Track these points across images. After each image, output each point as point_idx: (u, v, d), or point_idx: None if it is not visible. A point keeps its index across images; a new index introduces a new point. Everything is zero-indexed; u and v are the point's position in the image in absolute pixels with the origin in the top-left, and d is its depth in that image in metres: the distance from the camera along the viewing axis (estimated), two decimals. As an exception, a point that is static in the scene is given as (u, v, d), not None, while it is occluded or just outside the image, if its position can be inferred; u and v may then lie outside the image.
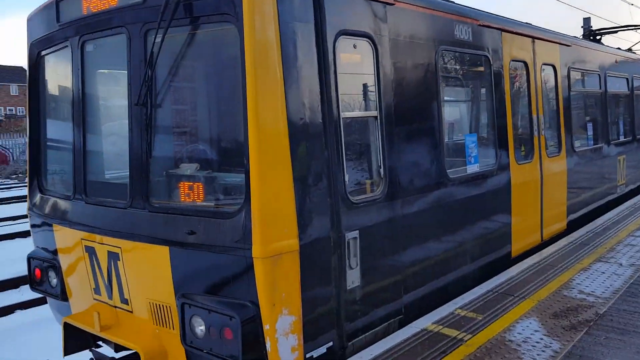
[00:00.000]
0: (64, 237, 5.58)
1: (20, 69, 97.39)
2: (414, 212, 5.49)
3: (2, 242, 18.01)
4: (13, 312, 11.01)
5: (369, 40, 4.98)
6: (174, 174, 4.78)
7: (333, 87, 4.56)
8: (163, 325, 4.77)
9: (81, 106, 5.33)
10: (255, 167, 4.02)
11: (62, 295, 5.82)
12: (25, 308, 11.20)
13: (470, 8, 6.64)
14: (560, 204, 8.81)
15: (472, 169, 6.51)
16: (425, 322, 5.25)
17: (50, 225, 5.77)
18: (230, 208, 4.32)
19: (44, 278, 6.03)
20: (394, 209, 5.24)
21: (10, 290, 12.83)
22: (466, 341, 4.83)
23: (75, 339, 5.57)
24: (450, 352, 4.61)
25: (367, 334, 4.98)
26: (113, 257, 4.98)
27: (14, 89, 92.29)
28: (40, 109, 6.14)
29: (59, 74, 5.84)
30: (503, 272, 6.77)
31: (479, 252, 6.62)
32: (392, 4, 5.23)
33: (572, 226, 9.29)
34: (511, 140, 7.26)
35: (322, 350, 4.54)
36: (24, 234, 18.65)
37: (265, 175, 4.07)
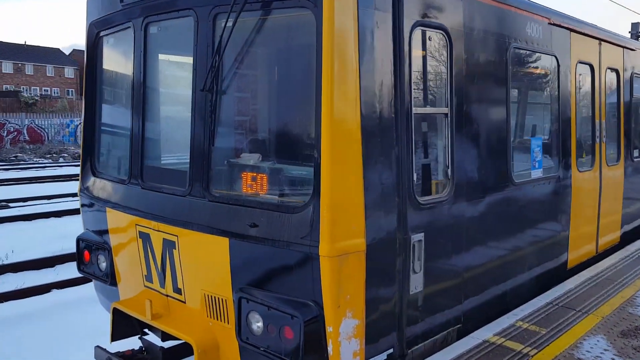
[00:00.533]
0: (117, 221, 5.49)
1: (57, 50, 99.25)
2: (477, 216, 5.25)
3: (37, 220, 18.26)
4: (49, 291, 11.07)
5: (443, 33, 4.74)
6: (237, 164, 4.63)
7: (407, 81, 4.35)
8: (217, 319, 4.64)
9: (141, 90, 5.21)
10: (327, 160, 3.83)
11: (111, 279, 5.74)
12: (61, 287, 11.27)
13: (541, 5, 6.33)
14: (615, 215, 8.44)
15: (536, 173, 6.23)
16: (486, 334, 5.02)
17: (103, 209, 5.69)
18: (296, 202, 4.15)
19: (92, 261, 5.97)
20: (459, 211, 5.01)
21: (46, 269, 12.95)
22: (532, 356, 4.58)
23: (122, 325, 5.49)
24: (517, 366, 4.37)
25: (426, 342, 4.77)
26: (169, 245, 4.86)
27: (49, 69, 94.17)
28: (97, 90, 6.05)
29: (118, 56, 5.74)
30: (560, 285, 6.48)
31: (536, 260, 6.34)
32: (468, -3, 4.98)
33: (625, 238, 8.91)
34: (574, 146, 6.95)
35: (383, 356, 4.35)
36: (59, 214, 18.93)
37: (337, 169, 3.88)
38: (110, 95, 6.04)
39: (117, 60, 5.86)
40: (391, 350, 4.42)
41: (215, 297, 4.59)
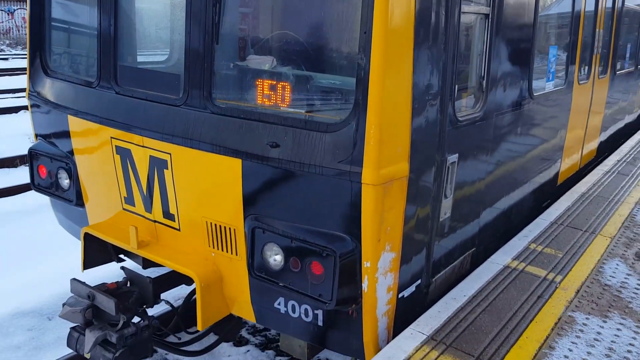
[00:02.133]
0: (84, 132, 4.55)
1: None
2: (500, 133, 4.78)
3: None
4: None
5: None
6: (248, 68, 3.79)
7: None
8: (222, 249, 4.01)
9: None
10: (379, 65, 3.10)
11: (77, 199, 4.89)
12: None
13: None
14: (596, 129, 8.32)
15: (549, 86, 5.78)
16: (505, 258, 4.73)
17: (63, 116, 4.69)
18: (332, 118, 3.43)
19: (50, 176, 5.05)
20: (487, 128, 4.50)
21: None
22: (559, 283, 4.35)
23: (94, 251, 4.75)
24: (549, 297, 4.12)
25: (447, 268, 4.42)
26: (158, 163, 4.06)
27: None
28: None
29: None
30: (557, 202, 6.30)
31: (536, 176, 6.07)
32: None
33: (599, 150, 8.91)
34: (579, 57, 6.53)
35: (412, 288, 3.95)
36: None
37: (389, 77, 3.17)
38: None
39: None
40: (419, 281, 4.03)
41: (220, 226, 3.93)
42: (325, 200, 3.44)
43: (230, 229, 3.89)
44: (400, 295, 3.81)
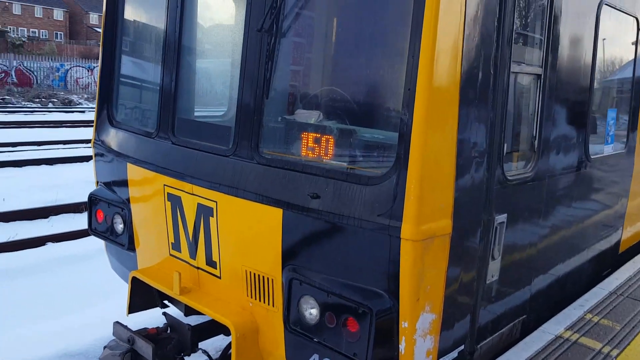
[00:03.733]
0: (140, 179, 4.77)
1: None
2: (553, 195, 4.62)
3: (28, 167, 17.43)
4: (44, 244, 10.43)
5: (547, -20, 3.99)
6: (294, 122, 3.90)
7: (508, 32, 3.61)
8: (259, 300, 4.00)
9: (177, 28, 4.40)
10: (421, 122, 3.12)
11: (129, 244, 5.06)
12: (57, 241, 10.61)
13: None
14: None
15: (608, 149, 5.59)
16: (557, 328, 4.46)
17: (123, 164, 4.95)
18: (373, 171, 3.45)
19: (107, 221, 5.28)
20: (540, 189, 4.37)
21: (39, 220, 12.27)
22: (615, 358, 4.04)
23: (140, 295, 4.86)
24: (605, 372, 3.83)
25: (494, 335, 4.21)
26: (205, 211, 4.17)
27: (38, 10, 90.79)
28: (119, 28, 5.21)
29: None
30: (618, 271, 5.94)
31: (595, 243, 5.77)
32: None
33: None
34: (640, 120, 6.30)
35: (454, 354, 3.77)
36: (50, 161, 18.15)
37: (431, 134, 3.17)
38: (135, 34, 5.21)
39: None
40: (462, 347, 3.85)
41: (259, 275, 3.95)
42: (363, 254, 3.40)
43: (268, 279, 3.89)
44: (440, 360, 3.64)
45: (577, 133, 4.82)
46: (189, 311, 4.67)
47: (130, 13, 5.16)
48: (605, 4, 4.94)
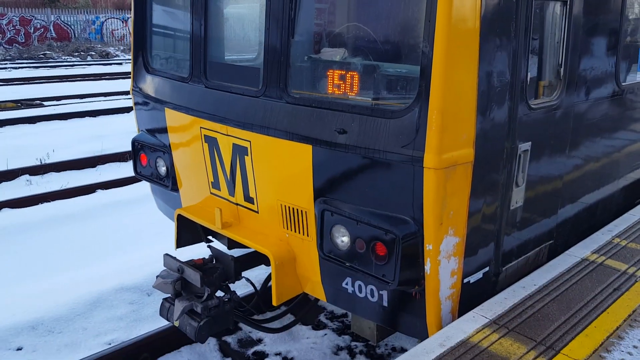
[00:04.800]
0: (178, 123, 5.04)
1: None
2: (582, 123, 4.65)
3: (73, 119, 18.11)
4: (94, 192, 11.03)
5: None
6: (320, 60, 4.04)
7: None
8: (295, 231, 4.29)
9: None
10: (442, 54, 3.21)
11: (172, 184, 5.40)
12: (105, 188, 11.20)
13: None
14: None
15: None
16: (584, 251, 4.61)
17: (161, 109, 5.22)
18: (396, 105, 3.59)
19: (150, 164, 5.61)
20: (566, 118, 4.41)
21: (88, 169, 12.90)
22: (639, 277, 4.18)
23: (186, 231, 5.23)
24: (626, 290, 3.98)
25: (519, 259, 4.39)
26: (240, 150, 4.42)
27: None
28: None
29: None
30: (650, 198, 5.96)
31: (626, 171, 5.78)
32: None
33: None
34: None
35: (479, 275, 3.99)
36: (93, 113, 18.76)
37: (452, 65, 3.27)
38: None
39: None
40: (487, 269, 4.06)
41: (293, 208, 4.21)
42: (389, 184, 3.60)
43: (302, 211, 4.15)
44: (465, 281, 3.87)
45: (607, 60, 4.77)
46: (231, 245, 5.02)
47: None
48: None
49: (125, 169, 12.63)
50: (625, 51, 5.08)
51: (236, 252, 5.45)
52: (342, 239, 3.90)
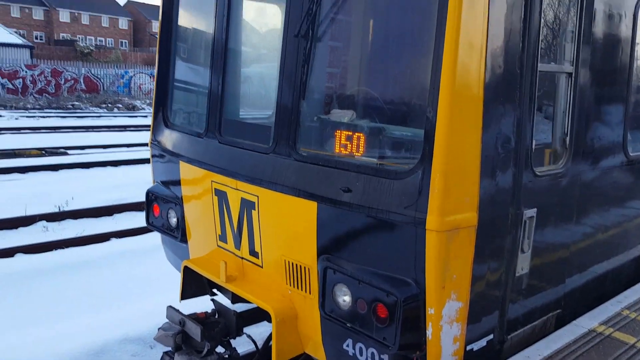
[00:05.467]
0: (191, 176, 5.17)
1: (112, 1, 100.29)
2: (590, 192, 4.66)
3: (95, 168, 18.53)
4: (109, 240, 11.15)
5: (577, -19, 4.07)
6: (328, 121, 4.17)
7: (535, 33, 3.74)
8: (297, 287, 4.29)
9: (223, 36, 4.77)
10: (445, 119, 3.31)
11: (182, 236, 5.47)
12: (120, 237, 11.32)
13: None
14: None
15: (651, 147, 5.52)
16: (591, 322, 4.50)
17: (176, 162, 5.37)
18: (400, 166, 3.67)
19: (162, 215, 5.72)
20: (573, 186, 4.43)
21: (104, 217, 13.08)
22: (649, 353, 4.06)
23: (192, 283, 5.25)
24: (634, 364, 3.87)
25: (526, 327, 4.31)
26: (247, 205, 4.50)
27: (104, 20, 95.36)
28: (173, 37, 5.65)
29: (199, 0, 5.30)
30: (664, 270, 5.84)
31: (637, 241, 5.71)
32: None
33: None
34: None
35: (482, 343, 3.91)
36: (115, 163, 19.17)
37: (455, 130, 3.36)
38: (187, 42, 5.63)
39: (197, 3, 5.42)
40: (491, 336, 3.98)
41: (297, 265, 4.23)
42: (392, 244, 3.62)
43: (305, 268, 4.17)
44: (468, 348, 3.80)
45: (614, 131, 4.83)
46: (235, 299, 5.02)
47: (183, 22, 5.59)
48: (644, 1, 4.93)
49: (141, 218, 12.79)
50: (633, 122, 5.14)
51: (240, 307, 5.43)
52: (344, 298, 3.89)
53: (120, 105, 41.34)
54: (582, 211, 4.64)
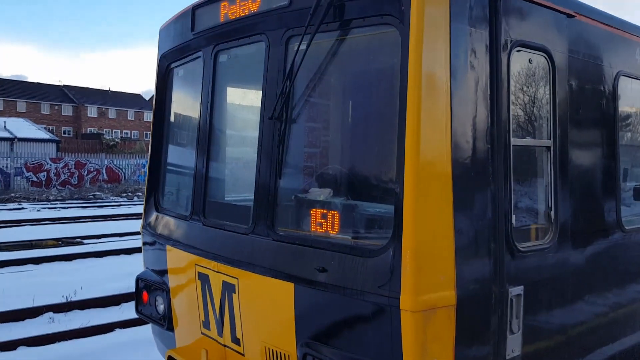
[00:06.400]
0: (177, 260, 5.13)
1: (138, 96, 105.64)
2: (583, 267, 4.47)
3: (108, 257, 18.57)
4: (113, 330, 10.93)
5: (546, 56, 4.14)
6: (305, 199, 4.16)
7: (504, 108, 3.76)
8: (279, 376, 4.08)
9: (208, 121, 4.91)
10: (411, 196, 3.26)
11: (168, 324, 5.33)
12: (124, 327, 11.11)
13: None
14: None
15: (648, 219, 5.36)
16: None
17: (163, 246, 5.35)
18: (373, 244, 3.58)
19: (150, 302, 5.61)
20: (563, 261, 4.26)
21: (111, 307, 12.91)
22: None
23: (177, 374, 5.05)
24: None
25: (526, 419, 3.98)
26: (228, 288, 4.41)
27: (130, 114, 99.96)
28: (165, 124, 5.85)
29: (187, 87, 5.52)
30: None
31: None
32: (573, 17, 4.36)
33: None
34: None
35: None
36: (129, 251, 19.20)
37: (423, 207, 3.30)
38: (177, 128, 5.81)
39: (185, 92, 5.64)
40: None
41: (277, 352, 4.05)
42: (368, 326, 3.47)
43: (285, 355, 3.98)
44: None
45: (604, 204, 4.71)
46: (220, 390, 4.78)
47: (174, 109, 5.81)
48: (623, 75, 4.97)
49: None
50: (625, 195, 5.02)
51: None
52: (325, 387, 3.68)
53: (140, 193, 42.21)
54: (579, 289, 4.43)
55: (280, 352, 4.01)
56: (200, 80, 5.04)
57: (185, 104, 5.65)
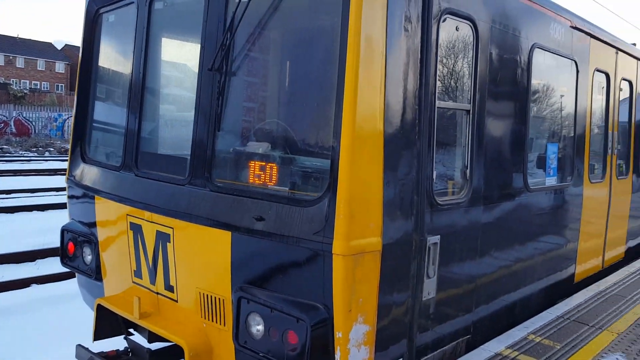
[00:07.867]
0: (106, 210, 5.10)
1: (49, 45, 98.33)
2: (492, 222, 4.95)
3: (20, 213, 17.70)
4: (29, 286, 10.59)
5: (471, 25, 4.46)
6: (243, 152, 4.28)
7: (432, 72, 4.05)
8: (212, 320, 4.26)
9: (141, 70, 4.84)
10: (347, 150, 3.50)
11: (96, 274, 5.33)
12: (42, 283, 10.79)
13: (564, 7, 6.08)
14: (622, 230, 8.20)
15: (550, 181, 5.95)
16: (498, 346, 4.70)
17: (91, 197, 5.29)
18: (309, 195, 3.80)
19: (77, 253, 5.56)
20: (475, 215, 4.70)
21: (26, 263, 12.45)
22: (549, 373, 4.27)
23: (107, 323, 5.09)
24: (535, 384, 4.05)
25: (435, 352, 4.45)
26: (162, 237, 4.48)
27: (40, 64, 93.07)
28: (93, 72, 5.67)
29: (118, 35, 5.37)
30: (569, 298, 6.20)
31: (545, 272, 6.06)
32: (496, -11, 4.70)
33: (629, 254, 8.68)
34: (587, 156, 6.70)
35: (392, 366, 4.00)
36: (42, 207, 18.40)
37: (356, 161, 3.54)
38: (107, 77, 5.66)
39: (116, 40, 5.49)
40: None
41: (211, 296, 4.22)
42: (302, 270, 3.71)
43: (219, 299, 4.16)
44: (377, 372, 3.87)
45: (513, 164, 5.19)
46: (152, 337, 4.89)
47: (102, 56, 5.64)
48: (537, 47, 5.42)
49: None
50: (532, 157, 5.54)
51: (157, 346, 5.30)
52: (257, 327, 3.90)
53: (52, 149, 39.99)
54: (486, 241, 4.90)
55: (215, 297, 4.18)
56: (133, 27, 4.94)
57: (117, 52, 5.51)
